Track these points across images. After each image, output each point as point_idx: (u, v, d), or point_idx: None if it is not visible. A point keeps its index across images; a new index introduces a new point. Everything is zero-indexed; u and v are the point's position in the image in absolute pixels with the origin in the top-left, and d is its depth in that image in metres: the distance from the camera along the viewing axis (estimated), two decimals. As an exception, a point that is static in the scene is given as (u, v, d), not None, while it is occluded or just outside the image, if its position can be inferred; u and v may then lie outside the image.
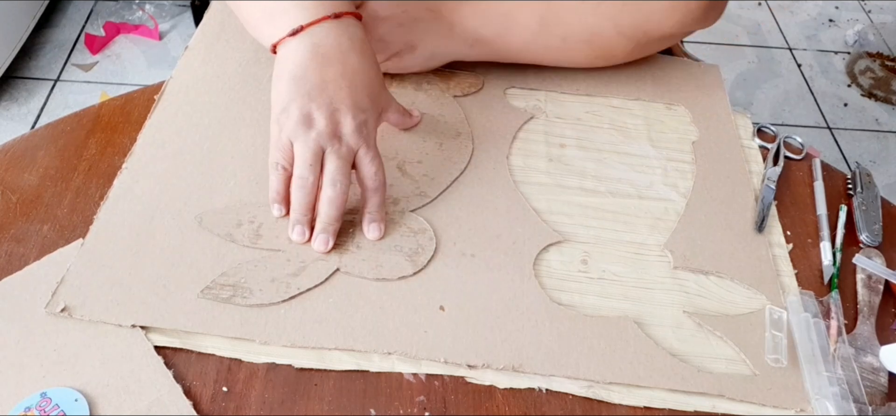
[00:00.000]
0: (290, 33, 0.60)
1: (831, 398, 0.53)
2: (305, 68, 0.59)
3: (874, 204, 0.69)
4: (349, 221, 0.61)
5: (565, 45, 0.70)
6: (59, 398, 0.49)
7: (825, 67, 2.16)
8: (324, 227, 0.58)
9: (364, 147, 0.59)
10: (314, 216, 0.59)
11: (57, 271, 0.55)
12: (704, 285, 0.61)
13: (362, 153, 0.59)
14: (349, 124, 0.58)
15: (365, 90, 0.60)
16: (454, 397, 0.52)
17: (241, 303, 0.55)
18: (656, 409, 0.53)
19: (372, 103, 0.60)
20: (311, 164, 0.57)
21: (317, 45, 0.59)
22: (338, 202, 0.58)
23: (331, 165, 0.58)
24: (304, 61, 0.59)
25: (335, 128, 0.58)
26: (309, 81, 0.58)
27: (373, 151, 0.59)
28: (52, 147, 0.66)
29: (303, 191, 0.58)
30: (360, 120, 0.59)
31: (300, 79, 0.58)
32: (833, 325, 0.58)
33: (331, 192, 0.58)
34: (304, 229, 0.59)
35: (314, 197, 0.58)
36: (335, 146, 0.58)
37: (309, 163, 0.57)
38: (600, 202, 0.66)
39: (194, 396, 0.50)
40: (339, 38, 0.60)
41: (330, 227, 0.59)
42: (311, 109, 0.57)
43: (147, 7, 2.08)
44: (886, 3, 2.41)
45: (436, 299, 0.57)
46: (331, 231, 0.59)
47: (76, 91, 1.84)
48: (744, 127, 0.75)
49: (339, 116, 0.58)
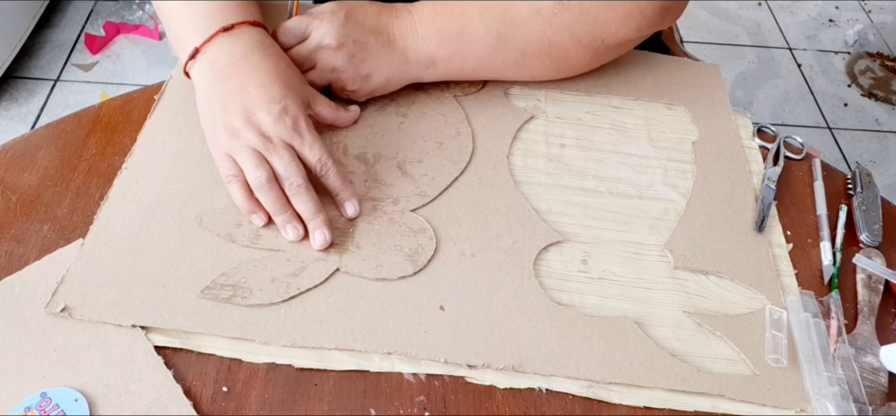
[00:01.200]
0: (190, 57, 0.63)
1: (831, 398, 0.53)
2: (209, 87, 0.61)
3: (874, 204, 0.69)
4: (347, 221, 0.61)
5: (524, 59, 0.68)
6: (59, 398, 0.49)
7: (825, 67, 2.16)
8: (311, 222, 0.59)
9: (296, 138, 0.60)
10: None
11: (57, 271, 0.55)
12: (704, 285, 0.61)
13: (297, 144, 0.60)
14: (267, 119, 0.59)
15: (275, 83, 0.61)
16: (454, 397, 0.52)
17: (241, 303, 0.55)
18: (656, 409, 0.53)
19: (287, 91, 0.61)
20: (257, 165, 0.58)
21: (213, 62, 0.62)
22: (304, 195, 0.59)
23: (277, 166, 0.59)
24: (207, 81, 0.62)
25: (258, 128, 0.59)
26: (217, 97, 0.61)
27: (309, 137, 0.60)
28: (52, 147, 0.66)
29: (267, 193, 0.59)
30: (277, 110, 0.59)
31: (210, 99, 0.61)
32: (833, 325, 0.58)
33: (291, 189, 0.59)
34: (295, 224, 0.59)
35: (282, 193, 0.59)
36: (269, 146, 0.59)
37: (255, 165, 0.58)
38: (600, 202, 0.66)
39: (194, 396, 0.50)
40: (232, 48, 0.62)
41: (317, 218, 0.59)
42: (231, 120, 0.59)
43: (147, 7, 2.08)
44: (886, 3, 2.41)
45: (436, 299, 0.57)
46: (319, 222, 0.59)
47: (76, 91, 1.84)
48: (744, 127, 0.75)
49: (256, 118, 0.59)
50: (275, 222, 0.59)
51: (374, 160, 0.66)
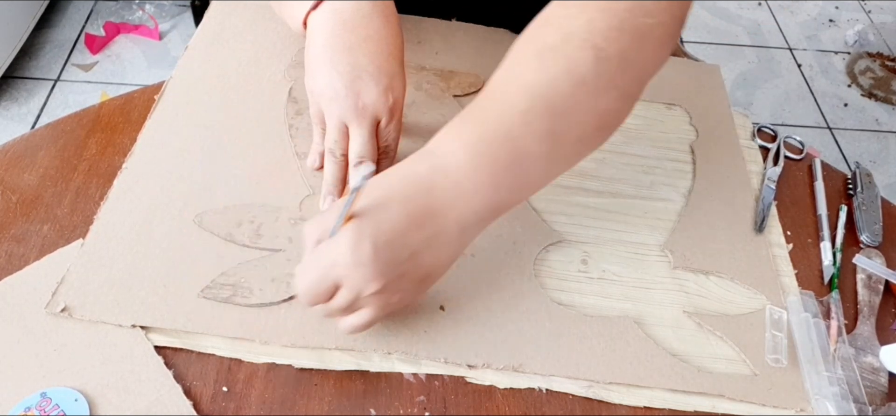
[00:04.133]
0: (313, 6, 0.60)
1: (831, 398, 0.53)
2: (327, 34, 0.59)
3: (874, 204, 0.69)
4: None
5: (580, 147, 0.55)
6: (59, 398, 0.49)
7: (825, 67, 2.16)
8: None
9: (387, 115, 0.59)
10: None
11: (57, 271, 0.55)
12: (704, 285, 0.61)
13: (384, 122, 0.60)
14: (372, 90, 0.58)
15: (390, 57, 0.60)
16: (454, 397, 0.52)
17: (241, 303, 0.55)
18: (656, 409, 0.53)
19: (398, 69, 0.60)
20: (338, 140, 0.59)
21: (338, 11, 0.60)
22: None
23: (355, 141, 0.59)
24: (328, 28, 0.59)
25: (356, 97, 0.58)
26: (331, 47, 0.59)
27: (395, 121, 0.60)
28: (52, 147, 0.66)
29: (334, 164, 0.60)
30: (384, 84, 0.59)
31: (324, 45, 0.59)
32: (833, 325, 0.58)
33: (357, 167, 0.59)
34: (336, 200, 0.60)
35: (344, 170, 0.60)
36: (357, 119, 0.58)
37: (335, 138, 0.59)
38: (600, 202, 0.66)
39: (194, 396, 0.50)
40: (359, 4, 0.60)
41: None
42: (335, 78, 0.58)
43: (147, 7, 2.08)
44: (886, 3, 2.41)
45: (436, 299, 0.57)
46: None
47: (76, 91, 1.84)
48: (744, 127, 0.75)
49: (360, 83, 0.58)
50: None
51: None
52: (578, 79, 0.50)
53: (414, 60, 0.76)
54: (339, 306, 0.50)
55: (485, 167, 0.49)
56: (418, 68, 0.76)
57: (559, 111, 0.50)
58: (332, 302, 0.50)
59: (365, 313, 0.50)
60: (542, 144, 0.50)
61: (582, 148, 0.55)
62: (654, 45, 0.53)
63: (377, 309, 0.50)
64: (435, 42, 0.79)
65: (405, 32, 0.79)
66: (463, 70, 0.76)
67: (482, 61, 0.77)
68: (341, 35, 0.59)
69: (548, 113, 0.50)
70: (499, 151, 0.49)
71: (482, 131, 0.50)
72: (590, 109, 0.52)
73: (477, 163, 0.49)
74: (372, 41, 0.59)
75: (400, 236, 0.48)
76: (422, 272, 0.50)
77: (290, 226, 0.60)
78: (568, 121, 0.51)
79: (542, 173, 0.53)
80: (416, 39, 0.79)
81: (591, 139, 0.55)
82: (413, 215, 0.48)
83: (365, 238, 0.47)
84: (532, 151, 0.50)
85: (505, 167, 0.50)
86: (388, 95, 0.59)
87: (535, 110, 0.50)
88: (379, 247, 0.47)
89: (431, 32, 0.80)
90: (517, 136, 0.49)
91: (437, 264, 0.51)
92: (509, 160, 0.50)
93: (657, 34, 0.53)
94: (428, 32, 0.80)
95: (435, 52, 0.78)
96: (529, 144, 0.50)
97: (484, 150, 0.49)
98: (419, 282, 0.51)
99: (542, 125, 0.50)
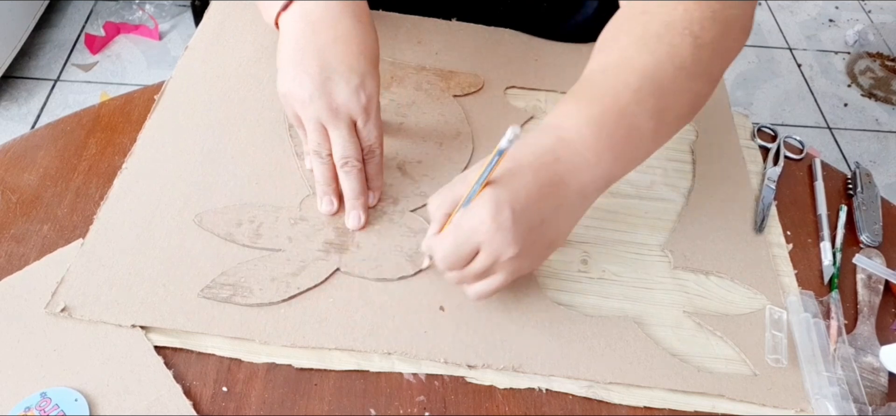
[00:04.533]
0: (283, 7, 0.61)
1: (831, 398, 0.53)
2: (296, 36, 0.59)
3: (874, 204, 0.69)
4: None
5: (677, 124, 0.60)
6: (59, 398, 0.49)
7: (825, 67, 2.16)
8: (351, 203, 0.60)
9: (363, 115, 0.59)
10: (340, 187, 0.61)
11: (57, 271, 0.55)
12: (704, 285, 0.61)
13: (361, 122, 0.59)
14: (343, 90, 0.58)
15: (361, 56, 0.60)
16: (454, 397, 0.52)
17: (241, 302, 0.55)
18: (656, 409, 0.53)
19: (370, 68, 0.60)
20: (321, 141, 0.59)
21: (307, 12, 0.60)
22: (355, 175, 0.59)
23: (335, 143, 0.59)
24: (297, 30, 0.60)
25: (329, 97, 0.58)
26: (300, 48, 0.59)
27: (373, 119, 0.60)
28: (52, 147, 0.66)
29: (322, 164, 0.60)
30: (355, 84, 0.59)
31: (293, 48, 0.59)
32: (833, 325, 0.58)
33: (345, 167, 0.59)
34: (332, 199, 0.61)
35: (333, 168, 0.60)
36: (333, 120, 0.59)
37: (317, 140, 0.59)
38: (600, 202, 0.66)
39: (194, 396, 0.50)
40: (328, 5, 0.60)
41: (357, 201, 0.60)
42: (305, 80, 0.58)
43: (147, 7, 2.08)
44: (886, 3, 2.41)
45: (436, 299, 0.57)
46: (359, 206, 0.60)
47: (76, 91, 1.84)
48: (744, 127, 0.75)
49: (331, 84, 0.58)
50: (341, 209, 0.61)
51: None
52: (679, 63, 0.56)
53: (414, 60, 0.76)
54: (475, 272, 0.52)
55: (604, 139, 0.54)
56: (418, 68, 0.76)
57: (664, 92, 0.56)
58: (469, 268, 0.52)
59: (497, 278, 0.53)
60: (650, 120, 0.56)
61: (678, 126, 0.60)
62: (738, 33, 0.59)
63: (508, 274, 0.53)
64: (435, 42, 0.79)
65: (405, 32, 0.80)
66: (463, 70, 0.76)
67: (482, 61, 0.77)
68: (310, 37, 0.59)
69: (656, 93, 0.55)
70: (616, 126, 0.54)
71: (601, 108, 0.54)
72: (687, 90, 0.58)
73: (598, 135, 0.54)
74: (342, 42, 0.59)
75: (533, 202, 0.51)
76: (549, 239, 0.54)
77: (290, 226, 0.60)
78: (670, 100, 0.57)
79: (648, 147, 0.58)
80: (416, 39, 0.79)
81: (685, 118, 0.60)
82: (543, 183, 0.52)
83: (504, 204, 0.50)
84: (642, 127, 0.55)
85: (621, 140, 0.55)
86: (360, 94, 0.58)
87: (645, 90, 0.55)
88: (517, 213, 0.50)
89: (431, 32, 0.80)
90: (631, 112, 0.55)
91: (561, 231, 0.55)
92: (624, 134, 0.55)
93: (741, 23, 0.59)
94: (428, 32, 0.80)
95: (435, 52, 0.78)
96: (640, 120, 0.55)
97: (603, 124, 0.54)
98: (545, 248, 0.55)
99: (651, 104, 0.55)
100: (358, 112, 0.59)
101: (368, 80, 0.59)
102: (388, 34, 0.79)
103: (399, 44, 0.78)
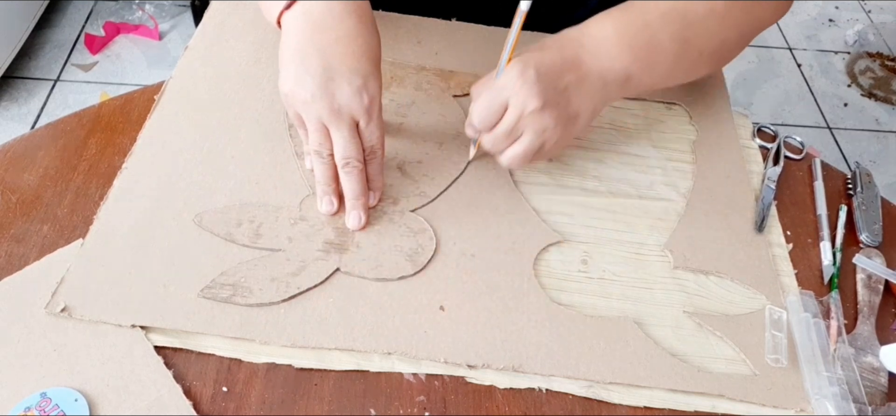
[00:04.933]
0: (286, 6, 0.60)
1: (831, 398, 0.53)
2: (298, 35, 0.59)
3: (874, 204, 0.69)
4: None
5: (700, 60, 0.67)
6: (59, 398, 0.49)
7: (825, 67, 2.16)
8: (352, 203, 0.60)
9: (365, 116, 0.59)
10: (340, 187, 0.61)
11: (57, 271, 0.55)
12: (704, 285, 0.61)
13: (363, 123, 0.59)
14: (345, 90, 0.58)
15: (364, 57, 0.59)
16: (454, 397, 0.52)
17: (240, 302, 0.55)
18: (656, 409, 0.53)
19: (372, 68, 0.60)
20: (322, 141, 0.59)
21: (309, 11, 0.60)
22: (356, 176, 0.59)
23: (337, 143, 0.59)
24: (298, 28, 0.60)
25: (331, 98, 0.58)
26: (302, 48, 0.59)
27: (375, 120, 0.60)
28: (52, 147, 0.66)
29: (322, 163, 0.60)
30: (357, 84, 0.58)
31: (295, 48, 0.59)
32: (833, 325, 0.58)
33: (346, 167, 0.59)
34: (332, 199, 0.61)
35: (334, 168, 0.60)
36: (335, 121, 0.58)
37: (318, 142, 0.59)
38: (600, 202, 0.66)
39: (194, 396, 0.50)
40: (331, 4, 0.60)
41: (357, 201, 0.60)
42: (307, 80, 0.58)
43: (147, 7, 2.08)
44: (886, 3, 2.41)
45: (436, 299, 0.57)
46: (360, 206, 0.60)
47: (76, 91, 1.84)
48: (744, 127, 0.75)
49: (333, 84, 0.58)
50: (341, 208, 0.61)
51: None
52: (711, 6, 0.64)
53: (414, 60, 0.76)
54: (505, 130, 0.59)
55: (625, 39, 0.62)
56: (418, 68, 0.76)
57: (691, 22, 0.63)
58: (499, 126, 0.59)
59: (525, 139, 0.59)
60: (673, 43, 0.63)
61: (700, 64, 0.67)
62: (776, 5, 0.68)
63: (534, 135, 0.59)
64: (435, 42, 0.79)
65: (405, 32, 0.80)
66: (463, 70, 0.76)
67: (482, 61, 0.77)
68: (313, 37, 0.59)
69: (682, 20, 0.63)
70: (638, 33, 0.62)
71: (627, 17, 0.62)
72: (714, 34, 0.65)
73: (620, 34, 0.62)
74: (344, 42, 0.59)
75: (556, 69, 0.59)
76: (572, 110, 0.60)
77: (290, 225, 0.60)
78: (696, 33, 0.64)
79: (670, 67, 0.65)
80: (416, 39, 0.79)
81: (708, 60, 0.67)
82: (566, 58, 0.60)
83: (529, 66, 0.58)
84: (664, 46, 0.63)
85: (641, 47, 0.62)
86: (363, 94, 0.58)
87: (672, 14, 0.63)
88: (541, 72, 0.58)
89: (431, 32, 0.80)
90: (655, 28, 0.62)
91: (583, 107, 0.61)
92: (645, 43, 0.62)
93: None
94: (428, 32, 0.80)
95: (435, 52, 0.78)
96: (663, 38, 0.63)
97: (626, 27, 0.62)
98: (568, 120, 0.60)
99: (675, 28, 0.63)
100: (360, 113, 0.59)
101: (371, 80, 0.59)
102: (388, 34, 0.79)
103: (399, 44, 0.78)
